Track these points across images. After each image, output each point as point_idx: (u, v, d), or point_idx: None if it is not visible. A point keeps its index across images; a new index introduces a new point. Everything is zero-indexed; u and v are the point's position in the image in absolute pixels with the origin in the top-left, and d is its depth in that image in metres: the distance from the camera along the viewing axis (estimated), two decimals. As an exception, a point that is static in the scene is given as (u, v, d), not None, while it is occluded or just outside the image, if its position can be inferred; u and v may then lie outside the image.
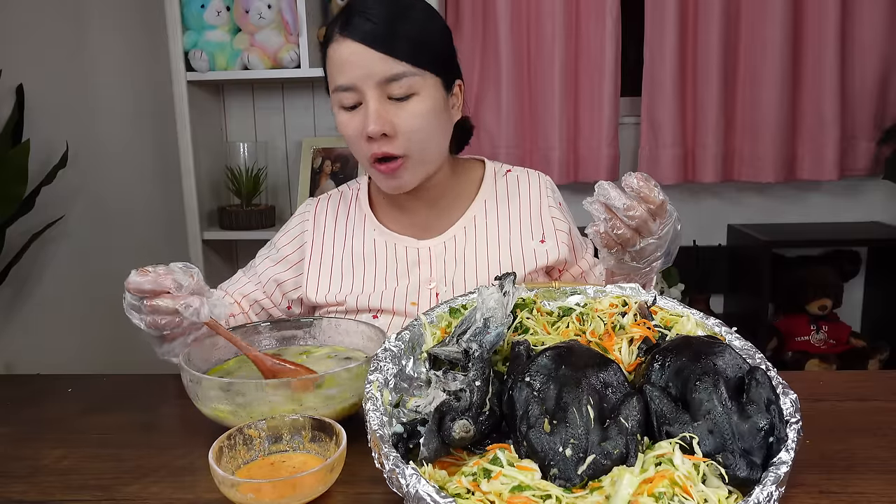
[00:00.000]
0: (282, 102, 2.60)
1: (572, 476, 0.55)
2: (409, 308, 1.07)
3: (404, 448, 0.60)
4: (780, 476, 0.55)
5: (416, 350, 0.73)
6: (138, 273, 0.82)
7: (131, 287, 0.82)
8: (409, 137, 1.00)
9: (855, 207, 2.66)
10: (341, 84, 0.99)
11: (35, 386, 1.02)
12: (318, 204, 1.19)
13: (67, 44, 1.98)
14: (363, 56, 0.96)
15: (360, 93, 0.98)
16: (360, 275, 1.11)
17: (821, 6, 2.40)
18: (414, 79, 0.98)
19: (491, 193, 1.15)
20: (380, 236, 1.13)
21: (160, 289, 0.82)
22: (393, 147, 1.00)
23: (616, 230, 0.85)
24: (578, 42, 2.54)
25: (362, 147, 1.01)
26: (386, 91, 0.98)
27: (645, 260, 0.89)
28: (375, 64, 0.96)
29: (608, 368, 0.63)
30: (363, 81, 0.97)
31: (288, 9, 2.25)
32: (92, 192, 2.04)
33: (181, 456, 0.76)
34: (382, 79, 0.97)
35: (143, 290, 0.82)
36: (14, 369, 1.75)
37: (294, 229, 1.18)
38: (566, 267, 1.15)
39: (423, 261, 1.10)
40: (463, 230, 1.12)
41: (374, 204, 1.17)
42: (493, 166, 1.19)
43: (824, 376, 0.96)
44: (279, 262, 1.16)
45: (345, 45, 0.98)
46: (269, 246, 1.20)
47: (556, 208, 1.14)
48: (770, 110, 2.45)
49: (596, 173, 2.57)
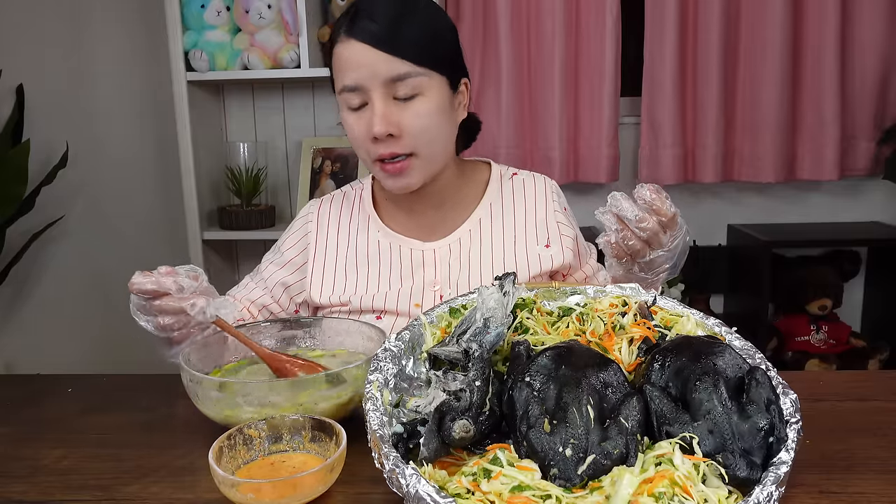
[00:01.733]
0: (282, 102, 2.60)
1: (572, 476, 0.55)
2: (412, 310, 1.07)
3: (404, 448, 0.60)
4: (780, 476, 0.55)
5: (416, 350, 0.73)
6: (141, 274, 0.84)
7: (134, 288, 0.84)
8: (416, 137, 1.00)
9: (855, 207, 2.66)
10: (347, 84, 0.99)
11: (35, 386, 1.02)
12: (321, 205, 1.19)
13: (67, 44, 1.98)
14: (368, 57, 0.97)
15: (366, 93, 0.99)
16: (363, 276, 1.11)
17: (821, 6, 2.40)
18: (419, 79, 0.98)
19: (497, 196, 1.15)
20: (384, 238, 1.13)
21: (163, 289, 0.83)
22: (399, 146, 1.00)
23: (627, 241, 0.85)
24: (578, 42, 2.54)
25: (368, 148, 1.01)
26: (391, 91, 0.98)
27: (653, 271, 0.90)
28: (380, 64, 0.97)
29: (608, 368, 0.63)
30: (368, 82, 0.98)
31: (288, 9, 2.25)
32: (92, 192, 2.04)
33: (181, 456, 0.76)
34: (387, 79, 0.97)
35: (145, 291, 0.83)
36: (14, 369, 1.75)
37: (297, 232, 1.18)
38: (570, 272, 1.15)
39: (428, 263, 1.10)
40: (468, 233, 1.12)
41: (378, 205, 1.17)
42: (498, 169, 1.19)
43: (824, 376, 0.96)
44: (284, 266, 1.16)
45: (350, 46, 0.98)
46: (274, 250, 1.20)
47: (562, 213, 1.14)
48: (770, 110, 2.45)
49: (596, 173, 2.57)
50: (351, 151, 2.40)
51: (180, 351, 0.89)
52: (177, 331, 0.87)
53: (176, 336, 0.89)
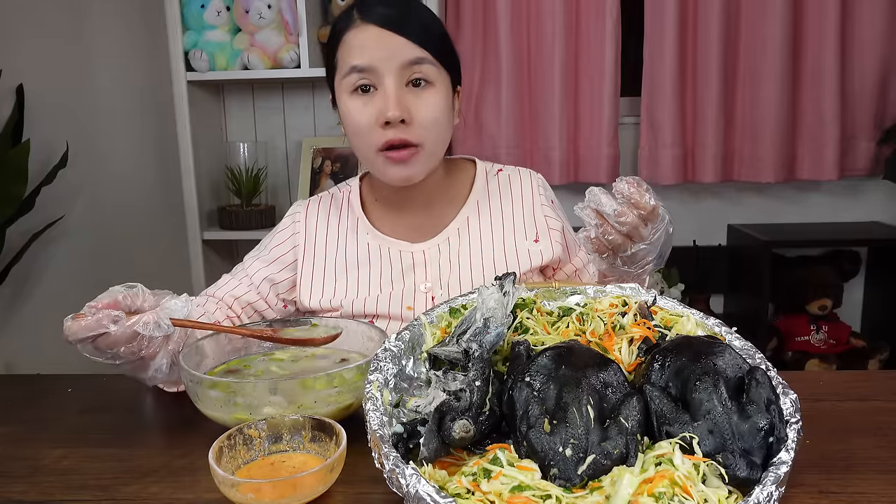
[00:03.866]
0: (282, 102, 2.60)
1: (572, 476, 0.55)
2: (405, 313, 1.07)
3: (404, 448, 0.60)
4: (780, 476, 0.55)
5: (416, 350, 0.73)
6: (72, 320, 0.77)
7: (70, 339, 0.77)
8: (426, 128, 1.00)
9: (855, 207, 2.66)
10: (358, 64, 0.98)
11: (35, 386, 1.02)
12: (308, 206, 1.18)
13: (67, 44, 1.98)
14: (387, 40, 0.97)
15: (378, 76, 0.98)
16: (354, 280, 1.10)
17: (821, 6, 2.40)
18: (433, 67, 1.00)
19: (483, 194, 1.15)
20: (373, 240, 1.12)
21: (101, 329, 0.76)
22: (409, 134, 0.99)
23: (607, 236, 0.85)
24: (578, 42, 2.54)
25: (374, 134, 1.00)
26: (405, 76, 0.99)
27: (636, 264, 0.89)
28: (400, 47, 0.97)
29: (608, 368, 0.63)
30: (384, 63, 0.97)
31: (288, 9, 2.25)
32: (92, 192, 2.04)
33: (181, 456, 0.76)
34: (405, 61, 0.98)
35: (83, 339, 0.77)
36: (14, 369, 1.75)
37: (286, 230, 1.16)
38: (560, 265, 1.14)
39: (418, 264, 1.10)
40: (456, 231, 1.12)
41: (366, 207, 1.16)
42: (483, 166, 1.19)
43: (824, 376, 0.96)
44: (272, 263, 1.14)
45: (367, 30, 0.98)
46: (259, 248, 1.18)
47: (549, 206, 1.14)
48: (770, 110, 2.45)
49: (596, 173, 2.57)
50: (351, 151, 2.40)
51: (159, 371, 0.83)
52: (141, 351, 0.79)
53: (143, 355, 0.80)
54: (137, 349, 0.79)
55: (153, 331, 0.78)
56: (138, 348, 0.79)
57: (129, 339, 0.78)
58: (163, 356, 0.82)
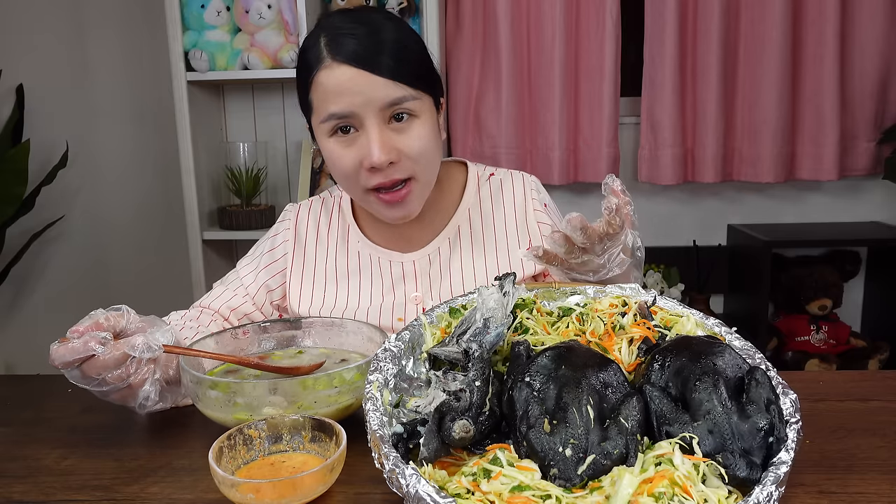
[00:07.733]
0: (282, 102, 2.60)
1: (572, 476, 0.55)
2: (395, 324, 1.06)
3: (404, 448, 0.60)
4: (779, 476, 0.55)
5: (416, 350, 0.73)
6: (59, 344, 0.74)
7: (57, 363, 0.74)
8: (415, 160, 0.97)
9: (855, 207, 2.66)
10: (336, 112, 0.93)
11: (35, 386, 1.02)
12: (298, 212, 1.16)
13: (67, 44, 1.98)
14: (361, 82, 0.91)
15: (358, 119, 0.94)
16: (344, 290, 1.09)
17: (821, 6, 2.40)
18: (414, 102, 0.95)
19: (475, 201, 1.12)
20: (364, 249, 1.11)
21: (88, 353, 0.73)
22: (399, 172, 0.96)
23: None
24: (578, 42, 2.53)
25: (360, 178, 0.97)
26: (386, 115, 0.94)
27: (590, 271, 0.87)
28: (376, 88, 0.92)
29: (608, 368, 0.63)
30: (363, 108, 0.92)
31: (288, 9, 2.25)
32: (92, 191, 2.04)
33: (181, 456, 0.76)
34: (385, 104, 0.93)
35: (70, 363, 0.74)
36: (14, 369, 1.75)
37: (279, 235, 1.15)
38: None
39: (409, 275, 1.09)
40: (447, 241, 1.10)
41: (357, 214, 1.15)
42: (475, 170, 1.16)
43: (824, 376, 0.96)
44: (266, 268, 1.13)
45: (340, 71, 0.92)
46: (252, 255, 1.16)
47: (542, 211, 1.12)
48: (770, 110, 2.45)
49: (596, 173, 2.57)
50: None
51: (147, 395, 0.78)
52: (129, 378, 0.76)
53: (132, 382, 0.77)
54: (126, 375, 0.75)
55: (144, 352, 0.75)
56: (126, 374, 0.75)
57: (118, 362, 0.75)
58: (150, 384, 0.78)
